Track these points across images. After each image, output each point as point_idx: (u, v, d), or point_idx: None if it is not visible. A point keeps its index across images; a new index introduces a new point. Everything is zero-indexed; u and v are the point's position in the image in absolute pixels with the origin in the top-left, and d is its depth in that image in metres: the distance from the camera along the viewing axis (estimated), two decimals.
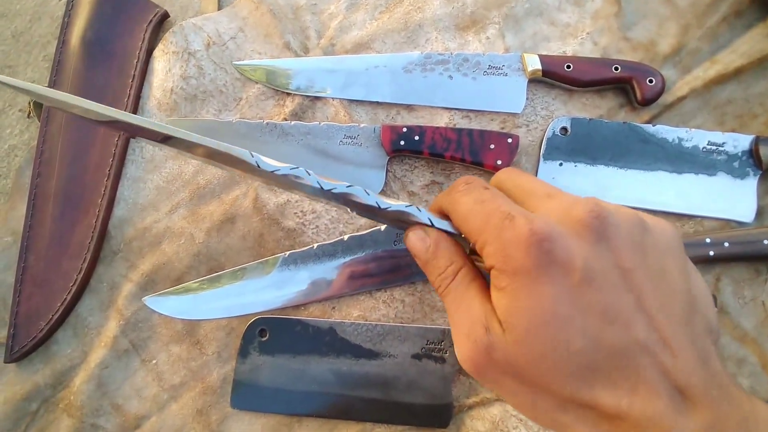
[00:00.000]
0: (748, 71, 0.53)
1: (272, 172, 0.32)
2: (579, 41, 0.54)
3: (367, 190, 0.32)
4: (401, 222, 0.32)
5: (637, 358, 0.23)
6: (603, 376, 0.23)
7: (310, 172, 0.32)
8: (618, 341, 0.23)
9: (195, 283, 0.51)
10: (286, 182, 0.33)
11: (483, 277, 0.29)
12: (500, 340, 0.25)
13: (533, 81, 0.53)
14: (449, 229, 0.31)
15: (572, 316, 0.24)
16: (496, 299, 0.26)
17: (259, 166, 0.32)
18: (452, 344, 0.48)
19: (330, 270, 0.51)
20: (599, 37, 0.54)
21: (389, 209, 0.31)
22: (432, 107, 0.54)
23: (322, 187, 0.31)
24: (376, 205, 0.31)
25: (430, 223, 0.31)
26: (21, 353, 0.50)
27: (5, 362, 0.50)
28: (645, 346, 0.23)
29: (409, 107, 0.54)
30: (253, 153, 0.32)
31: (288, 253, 0.51)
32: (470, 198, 0.28)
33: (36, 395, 0.50)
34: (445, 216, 0.31)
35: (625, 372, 0.23)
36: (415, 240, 0.31)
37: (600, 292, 0.24)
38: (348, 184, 0.32)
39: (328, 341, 0.50)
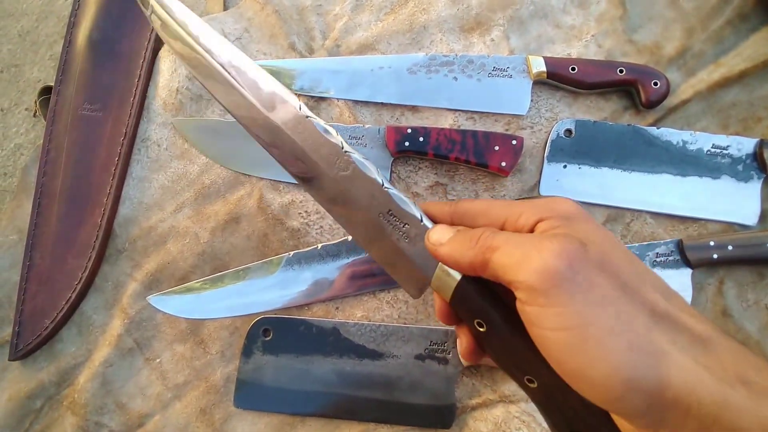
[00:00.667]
0: (753, 75, 0.53)
1: (308, 117, 0.33)
2: (583, 43, 0.55)
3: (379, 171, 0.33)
4: (388, 216, 0.33)
5: (679, 296, 0.25)
6: (676, 302, 0.24)
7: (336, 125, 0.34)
8: (659, 281, 0.25)
9: (199, 282, 0.51)
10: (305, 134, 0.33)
11: None
12: (590, 239, 0.24)
13: (538, 83, 0.53)
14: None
15: (626, 253, 0.26)
16: (558, 237, 0.25)
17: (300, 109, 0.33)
18: (455, 345, 0.49)
19: (334, 270, 0.51)
20: (604, 39, 0.55)
21: (390, 191, 0.32)
22: (436, 108, 0.54)
23: (342, 147, 0.33)
24: (381, 183, 0.32)
25: (420, 218, 0.32)
26: (26, 351, 0.50)
27: (10, 360, 0.51)
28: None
29: (414, 108, 0.54)
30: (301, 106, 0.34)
31: (292, 253, 0.51)
32: (482, 200, 0.31)
33: (40, 393, 0.51)
34: None
35: (685, 304, 0.24)
36: (441, 228, 0.30)
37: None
38: (365, 157, 0.33)
39: (331, 341, 0.50)
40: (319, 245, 0.51)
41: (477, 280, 0.29)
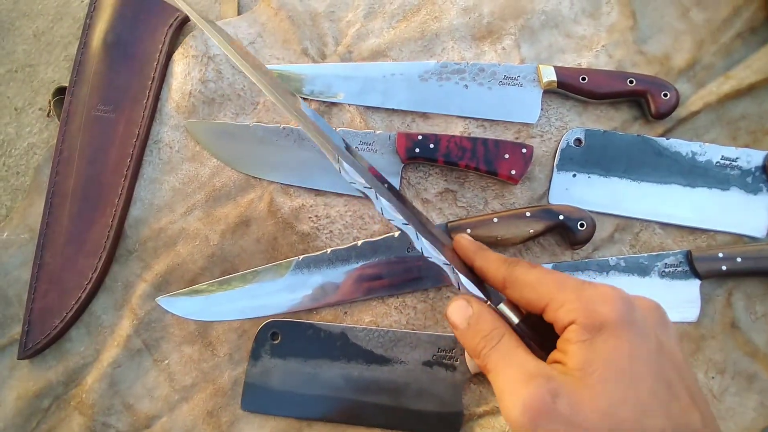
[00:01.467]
0: (762, 87, 0.53)
1: (349, 183, 0.36)
2: (594, 54, 0.55)
3: (418, 234, 0.35)
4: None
5: None
6: None
7: (380, 196, 0.35)
8: (681, 419, 0.25)
9: (208, 284, 0.52)
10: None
11: (527, 345, 0.30)
12: (566, 388, 0.25)
13: (548, 92, 0.54)
14: (478, 293, 0.33)
15: (645, 377, 0.25)
16: (573, 351, 0.26)
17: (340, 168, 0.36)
18: (462, 352, 0.49)
19: (343, 275, 0.51)
20: (614, 50, 0.55)
21: (429, 259, 0.35)
22: (447, 116, 0.54)
23: (381, 211, 0.35)
24: (420, 251, 0.35)
25: (457, 286, 0.34)
26: (34, 350, 0.50)
27: (19, 358, 0.51)
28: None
29: (425, 115, 0.55)
30: (339, 158, 0.36)
31: (302, 257, 0.51)
32: (538, 270, 0.31)
33: (48, 392, 0.51)
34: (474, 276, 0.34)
35: None
36: (456, 308, 0.32)
37: (667, 365, 0.26)
38: (405, 221, 0.35)
39: (339, 346, 0.50)
40: (329, 250, 0.51)
41: (534, 326, 0.31)
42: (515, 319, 0.32)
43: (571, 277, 0.30)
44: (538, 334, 0.31)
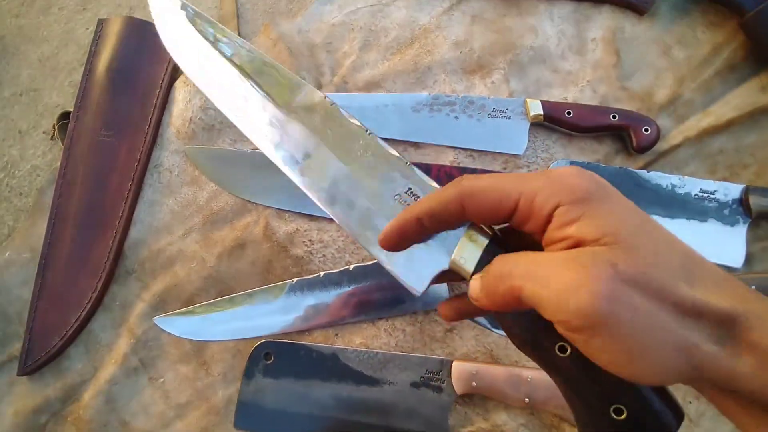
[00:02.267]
0: (740, 123, 0.56)
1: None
2: (579, 89, 0.57)
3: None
4: (406, 196, 0.30)
5: (706, 265, 0.23)
6: (702, 278, 0.23)
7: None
8: (688, 249, 0.24)
9: (204, 305, 0.53)
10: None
11: None
12: (614, 253, 0.22)
13: (535, 125, 0.56)
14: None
15: (651, 221, 0.24)
16: (580, 229, 0.23)
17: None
18: (449, 374, 0.50)
19: (335, 298, 0.53)
20: (599, 85, 0.57)
21: (414, 167, 0.31)
22: (438, 146, 0.57)
23: (367, 130, 0.32)
24: (405, 160, 0.31)
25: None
26: (34, 367, 0.52)
27: (18, 375, 0.52)
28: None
29: (416, 145, 0.57)
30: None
31: (295, 280, 0.53)
32: (488, 175, 0.27)
33: (46, 408, 0.52)
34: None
35: (712, 276, 0.23)
36: (472, 288, 0.28)
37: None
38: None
39: (330, 367, 0.52)
40: (322, 273, 0.53)
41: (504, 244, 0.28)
42: (485, 240, 0.28)
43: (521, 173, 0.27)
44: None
